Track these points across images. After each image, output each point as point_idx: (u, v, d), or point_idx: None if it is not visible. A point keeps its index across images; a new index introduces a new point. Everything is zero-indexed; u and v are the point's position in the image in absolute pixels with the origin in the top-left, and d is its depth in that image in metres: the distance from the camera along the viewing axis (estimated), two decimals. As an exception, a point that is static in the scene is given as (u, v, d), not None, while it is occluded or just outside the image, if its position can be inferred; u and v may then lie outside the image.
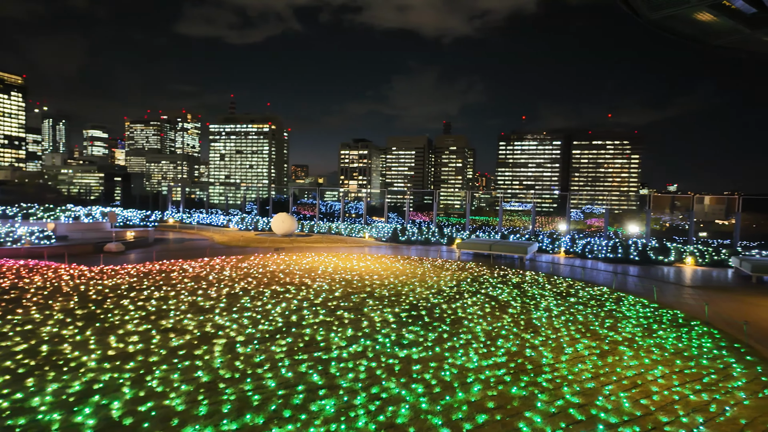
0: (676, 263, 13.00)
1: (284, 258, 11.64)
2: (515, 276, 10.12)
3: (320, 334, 5.48)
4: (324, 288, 7.95)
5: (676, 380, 4.54)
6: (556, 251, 14.73)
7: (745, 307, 7.92)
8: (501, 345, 5.36)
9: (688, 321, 6.81)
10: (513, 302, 7.51)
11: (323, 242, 15.89)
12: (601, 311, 7.16)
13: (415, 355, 4.91)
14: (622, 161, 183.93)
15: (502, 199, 20.53)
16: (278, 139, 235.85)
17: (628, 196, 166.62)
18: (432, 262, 11.76)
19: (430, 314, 6.51)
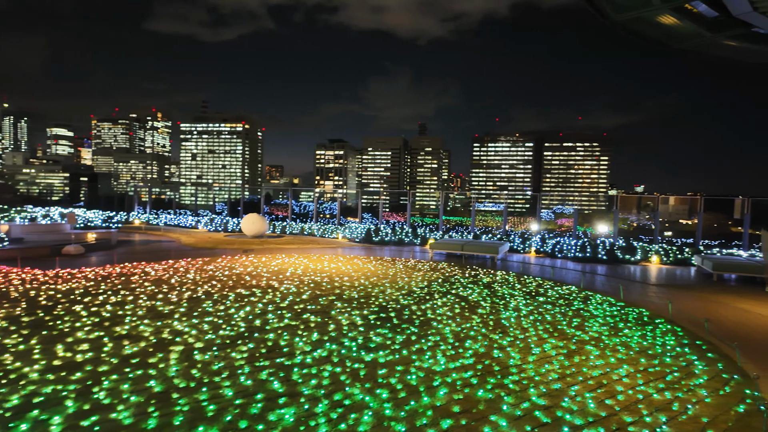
0: (642, 262, 13.31)
1: (252, 260, 11.34)
2: (486, 276, 10.13)
3: (284, 339, 5.29)
4: (291, 291, 7.73)
5: (640, 379, 4.56)
6: (527, 251, 14.89)
7: (706, 305, 8.12)
8: (469, 346, 5.29)
9: (653, 319, 6.92)
10: (483, 302, 7.48)
11: (295, 243, 15.60)
12: (569, 310, 7.20)
13: (381, 359, 4.78)
14: (591, 162, 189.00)
15: (475, 200, 20.49)
16: (252, 138, 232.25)
17: (597, 196, 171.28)
18: (404, 263, 11.67)
19: (399, 316, 6.39)
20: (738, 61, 8.69)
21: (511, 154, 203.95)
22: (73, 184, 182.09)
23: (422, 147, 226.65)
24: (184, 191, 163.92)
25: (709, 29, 7.00)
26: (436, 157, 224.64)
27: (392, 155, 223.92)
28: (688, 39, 7.51)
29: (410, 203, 18.48)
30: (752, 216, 14.17)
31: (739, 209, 15.78)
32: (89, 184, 75.34)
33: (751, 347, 5.79)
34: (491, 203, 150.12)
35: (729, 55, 8.35)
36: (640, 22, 7.14)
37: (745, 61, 8.64)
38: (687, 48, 7.87)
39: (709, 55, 8.40)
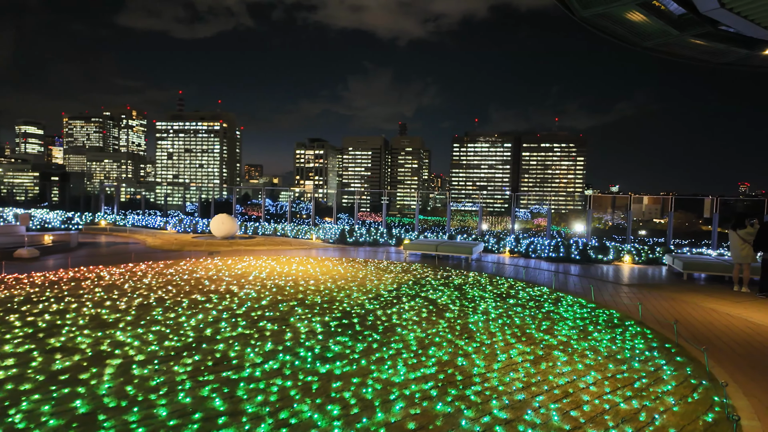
0: (614, 262, 13.34)
1: (217, 263, 10.88)
2: (458, 277, 9.92)
3: (234, 350, 4.92)
4: (251, 296, 7.34)
5: (607, 386, 4.36)
6: (502, 251, 14.79)
7: (676, 305, 8.07)
8: (432, 354, 5.03)
9: (623, 321, 6.79)
10: (451, 306, 7.24)
11: (266, 245, 15.14)
12: (539, 313, 7.03)
13: (337, 371, 4.47)
14: (568, 163, 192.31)
15: (450, 200, 20.28)
16: (230, 137, 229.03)
17: (573, 196, 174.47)
18: (376, 265, 11.38)
19: (362, 322, 6.09)
20: (705, 61, 8.70)
21: (490, 154, 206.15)
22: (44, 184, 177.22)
23: (403, 147, 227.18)
24: (160, 191, 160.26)
25: (676, 27, 6.93)
26: (416, 157, 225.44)
27: (373, 155, 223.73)
28: (655, 37, 7.44)
29: (386, 203, 18.20)
30: (721, 215, 14.37)
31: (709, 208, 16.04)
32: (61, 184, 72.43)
33: (719, 349, 5.70)
34: (470, 203, 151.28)
35: (696, 55, 8.35)
36: (607, 19, 7.03)
37: (711, 61, 8.66)
38: (654, 47, 7.81)
39: (676, 55, 8.38)
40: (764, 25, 6.27)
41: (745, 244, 9.47)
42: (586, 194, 23.50)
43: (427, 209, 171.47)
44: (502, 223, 78.82)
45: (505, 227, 77.29)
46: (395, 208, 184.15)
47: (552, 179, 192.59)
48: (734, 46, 7.48)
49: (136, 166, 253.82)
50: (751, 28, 6.30)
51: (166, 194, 27.08)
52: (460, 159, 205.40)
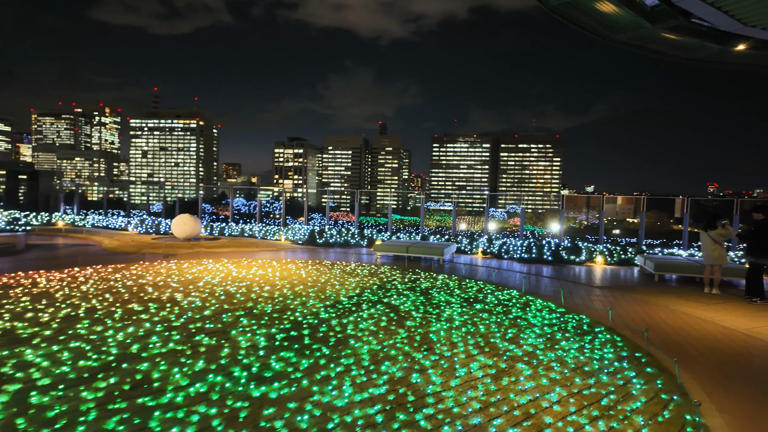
0: (587, 262, 13.14)
1: (171, 266, 10.18)
2: (426, 280, 9.49)
3: (159, 370, 4.34)
4: (195, 305, 6.73)
5: (573, 405, 3.96)
6: (474, 252, 14.45)
7: (647, 309, 7.80)
8: (385, 370, 4.55)
9: (593, 327, 6.45)
10: (414, 312, 6.78)
11: (230, 246, 14.44)
12: (506, 320, 6.63)
13: (273, 394, 3.94)
14: (545, 163, 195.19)
15: (424, 199, 19.95)
16: (207, 135, 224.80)
17: (550, 196, 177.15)
18: (343, 268, 10.86)
19: (313, 334, 5.57)
20: (678, 57, 8.50)
21: (470, 154, 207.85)
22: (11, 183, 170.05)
23: (383, 147, 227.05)
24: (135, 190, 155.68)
25: (648, 19, 6.64)
26: (396, 156, 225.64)
27: (353, 155, 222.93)
28: (627, 30, 7.15)
29: (359, 203, 17.69)
30: (691, 215, 14.35)
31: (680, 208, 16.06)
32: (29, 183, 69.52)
33: (692, 358, 5.40)
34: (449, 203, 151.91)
35: (669, 51, 8.12)
36: (576, 9, 6.70)
37: (684, 57, 8.47)
38: (626, 40, 7.54)
39: (649, 50, 8.14)
40: (737, 17, 6.04)
41: (716, 245, 9.30)
42: (557, 194, 23.46)
43: (407, 209, 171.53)
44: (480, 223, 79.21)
45: (483, 227, 77.79)
46: (375, 207, 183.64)
47: (529, 179, 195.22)
48: (707, 41, 7.27)
49: (109, 164, 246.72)
50: (723, 19, 6.07)
51: (129, 194, 25.89)
52: (440, 159, 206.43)
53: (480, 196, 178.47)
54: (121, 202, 53.09)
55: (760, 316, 7.57)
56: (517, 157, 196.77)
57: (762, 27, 6.47)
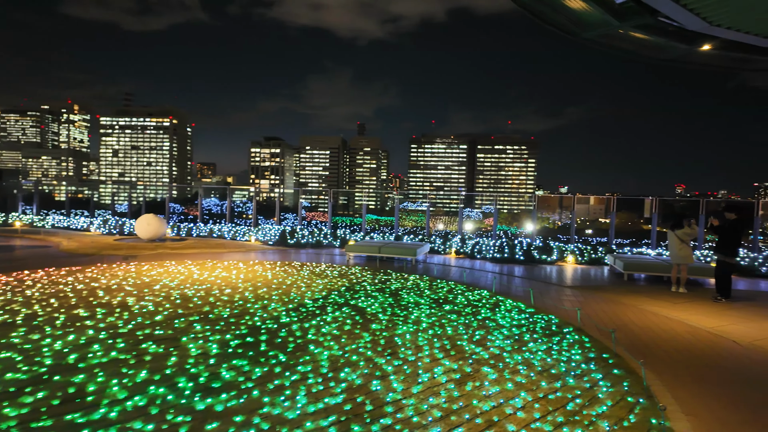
0: (558, 262, 13.18)
1: (130, 268, 9.69)
2: (397, 281, 9.28)
3: (96, 382, 3.98)
4: (147, 309, 6.33)
5: (537, 411, 3.80)
6: (448, 252, 14.35)
7: (616, 308, 7.78)
8: (344, 377, 4.30)
9: (561, 328, 6.35)
10: (381, 315, 6.55)
11: (196, 248, 13.93)
12: (474, 321, 6.47)
13: (219, 406, 3.65)
14: (520, 165, 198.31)
15: (398, 199, 19.69)
16: (180, 134, 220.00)
17: (524, 197, 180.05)
18: (312, 269, 10.55)
19: (270, 340, 5.27)
20: (646, 56, 8.54)
21: (447, 155, 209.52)
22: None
23: (361, 147, 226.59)
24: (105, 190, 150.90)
25: (616, 16, 6.60)
26: (374, 157, 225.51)
27: (331, 155, 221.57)
28: (595, 27, 7.11)
29: (331, 203, 17.38)
30: (660, 215, 14.60)
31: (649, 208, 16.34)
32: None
33: (658, 358, 5.33)
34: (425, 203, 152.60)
35: (637, 50, 8.14)
36: (546, 5, 6.61)
37: (652, 57, 8.51)
38: (594, 38, 7.51)
39: (617, 48, 8.14)
40: (702, 15, 6.06)
41: (682, 244, 9.39)
42: (532, 195, 23.65)
43: (385, 209, 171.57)
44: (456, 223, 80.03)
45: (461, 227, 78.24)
46: (353, 208, 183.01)
47: (505, 180, 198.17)
48: (674, 40, 7.31)
49: (78, 163, 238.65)
50: (689, 18, 6.07)
51: (91, 194, 24.87)
52: (418, 160, 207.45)
53: (457, 196, 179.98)
54: (89, 202, 51.05)
55: (724, 314, 7.64)
56: (493, 158, 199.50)
57: (726, 26, 6.54)
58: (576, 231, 47.94)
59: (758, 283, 10.99)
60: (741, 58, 8.05)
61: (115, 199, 22.54)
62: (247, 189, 69.07)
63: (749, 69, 8.68)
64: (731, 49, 7.58)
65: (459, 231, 16.01)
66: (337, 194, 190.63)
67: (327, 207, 19.09)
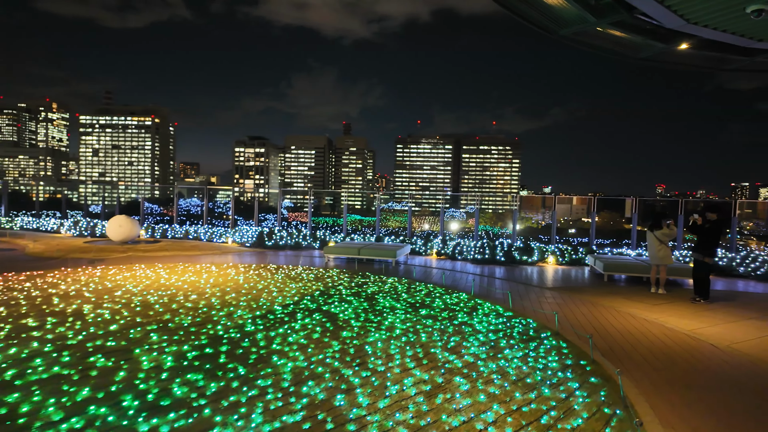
0: (539, 263, 13.08)
1: (95, 273, 9.25)
2: (375, 284, 9.03)
3: (31, 402, 3.64)
4: (103, 318, 5.96)
5: (510, 426, 3.58)
6: (429, 253, 14.15)
7: (594, 311, 7.65)
8: (307, 392, 4.03)
9: (539, 332, 6.17)
10: (354, 321, 6.29)
11: (170, 250, 13.48)
12: (450, 326, 6.25)
13: (165, 427, 3.34)
14: (505, 165, 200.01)
15: (380, 200, 19.34)
16: (163, 133, 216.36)
17: (509, 197, 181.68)
18: (288, 272, 10.24)
19: (231, 351, 4.96)
20: (623, 55, 8.45)
21: (432, 155, 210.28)
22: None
23: (347, 147, 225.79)
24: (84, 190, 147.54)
25: (593, 13, 6.46)
26: (360, 157, 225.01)
27: (316, 155, 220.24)
28: (572, 24, 6.96)
29: (311, 203, 17.04)
30: (641, 214, 14.63)
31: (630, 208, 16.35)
32: (-36, 182, 63.16)
33: (636, 364, 5.18)
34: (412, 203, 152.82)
35: (614, 48, 8.03)
36: (524, 1, 6.43)
37: (630, 55, 8.42)
38: (571, 35, 7.37)
39: (594, 47, 8.02)
40: (679, 12, 5.95)
41: (661, 245, 9.33)
42: (515, 195, 23.67)
43: (371, 209, 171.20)
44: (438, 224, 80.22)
45: (445, 228, 78.62)
46: (339, 208, 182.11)
47: (490, 180, 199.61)
48: (651, 39, 7.22)
49: (57, 162, 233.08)
50: (665, 15, 5.96)
51: (63, 193, 24.09)
52: (404, 160, 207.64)
53: (443, 196, 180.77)
54: (69, 203, 49.69)
55: (703, 316, 7.56)
56: (478, 159, 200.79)
57: (703, 24, 6.45)
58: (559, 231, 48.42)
59: (736, 283, 11.03)
60: (717, 57, 8.00)
61: (89, 200, 21.88)
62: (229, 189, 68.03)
63: (726, 69, 8.66)
64: (708, 48, 7.52)
65: (441, 232, 15.83)
66: (320, 194, 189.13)
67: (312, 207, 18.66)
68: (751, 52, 7.82)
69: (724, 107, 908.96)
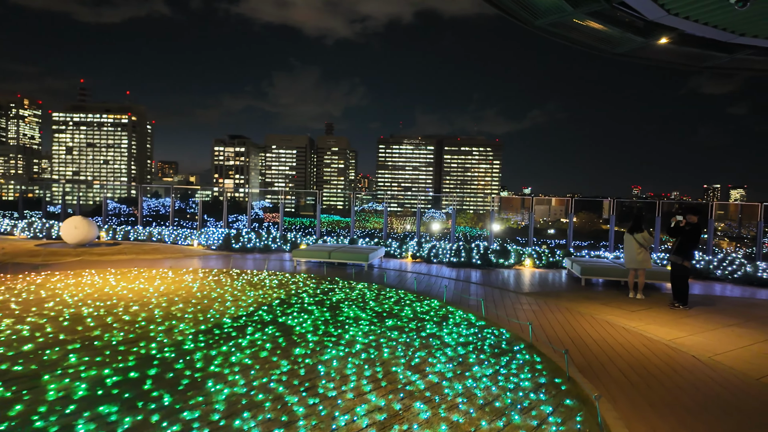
0: (516, 266, 12.71)
1: (34, 280, 8.44)
2: (342, 290, 8.47)
3: None
4: (19, 335, 5.25)
5: (471, 465, 3.07)
6: (404, 256, 13.65)
7: (571, 319, 7.24)
8: (239, 427, 3.44)
9: (512, 345, 5.70)
10: (310, 335, 5.72)
11: (128, 253, 12.66)
12: (417, 338, 5.74)
13: (50, 480, 2.73)
14: (485, 166, 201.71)
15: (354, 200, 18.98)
16: (140, 132, 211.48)
17: (489, 197, 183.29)
18: (251, 277, 9.60)
19: (160, 375, 4.34)
20: (601, 50, 8.10)
21: (414, 156, 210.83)
22: None
23: (329, 147, 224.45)
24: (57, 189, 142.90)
25: (569, 1, 6.04)
26: (342, 157, 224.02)
27: (298, 154, 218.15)
28: (549, 14, 6.54)
29: (283, 204, 16.37)
30: (618, 216, 14.41)
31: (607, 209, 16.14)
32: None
33: (612, 378, 4.75)
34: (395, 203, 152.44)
35: (592, 42, 7.66)
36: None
37: (608, 50, 8.08)
38: (548, 27, 6.96)
39: (572, 40, 7.63)
40: (660, 1, 5.57)
41: (641, 248, 9.01)
42: (493, 196, 23.37)
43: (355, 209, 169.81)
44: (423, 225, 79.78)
45: (427, 229, 78.29)
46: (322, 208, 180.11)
47: (471, 181, 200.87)
48: (630, 32, 6.87)
49: (29, 161, 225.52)
50: (645, 4, 5.58)
51: (21, 192, 22.84)
52: (386, 160, 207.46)
53: (424, 197, 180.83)
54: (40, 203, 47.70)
55: (683, 323, 7.24)
56: (460, 160, 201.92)
57: (684, 16, 6.10)
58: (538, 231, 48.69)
59: (713, 287, 10.83)
60: (696, 54, 7.71)
61: (69, 200, 20.67)
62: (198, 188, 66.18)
63: (705, 66, 8.38)
64: (688, 44, 7.21)
65: (417, 234, 15.36)
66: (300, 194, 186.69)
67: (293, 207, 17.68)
68: (731, 49, 7.54)
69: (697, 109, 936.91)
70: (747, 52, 7.35)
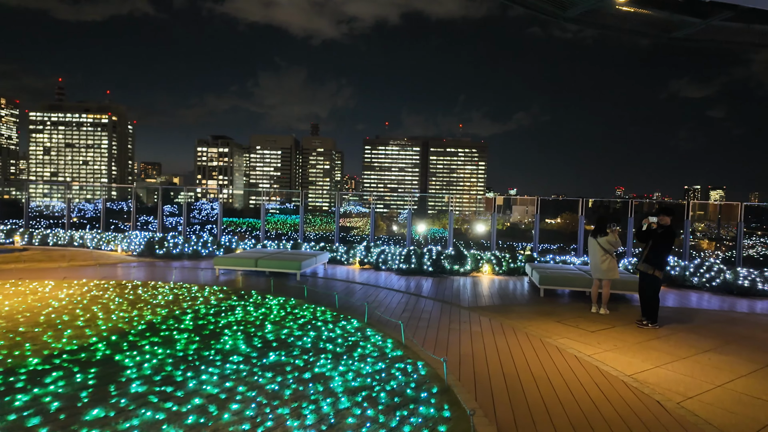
0: (473, 273, 11.29)
1: None
2: (247, 308, 6.94)
3: None
4: None
5: None
6: (351, 262, 12.15)
7: (513, 343, 5.80)
8: None
9: (420, 390, 4.22)
10: (139, 384, 4.17)
11: (27, 261, 10.94)
12: (294, 383, 4.22)
13: None
14: (471, 167, 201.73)
15: (303, 200, 17.21)
16: (120, 132, 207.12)
17: (474, 197, 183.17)
18: (144, 291, 8.01)
19: None
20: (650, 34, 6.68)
21: (401, 157, 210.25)
22: None
23: (314, 147, 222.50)
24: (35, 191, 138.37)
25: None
26: (328, 158, 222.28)
27: (283, 155, 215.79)
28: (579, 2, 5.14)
29: (220, 204, 14.75)
30: (587, 217, 13.09)
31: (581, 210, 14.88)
32: None
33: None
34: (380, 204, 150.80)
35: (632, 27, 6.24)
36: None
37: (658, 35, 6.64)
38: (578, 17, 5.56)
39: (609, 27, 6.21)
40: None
41: (606, 255, 7.64)
42: (489, 197, 22.01)
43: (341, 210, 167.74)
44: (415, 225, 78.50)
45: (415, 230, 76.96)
46: (308, 210, 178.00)
47: (457, 182, 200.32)
48: (680, 13, 5.51)
49: (5, 161, 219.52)
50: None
51: (44, 194, 20.93)
52: (372, 161, 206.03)
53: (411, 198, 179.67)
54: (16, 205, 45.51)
55: (649, 348, 5.86)
56: (446, 161, 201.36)
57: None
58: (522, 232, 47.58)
59: (688, 297, 9.54)
60: (666, 20, 6.34)
61: (48, 202, 18.75)
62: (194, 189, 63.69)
63: (674, 37, 7.02)
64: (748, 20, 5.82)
65: (371, 236, 13.87)
66: (219, 193, 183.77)
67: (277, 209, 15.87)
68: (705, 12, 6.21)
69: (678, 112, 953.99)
70: (723, 16, 6.05)
